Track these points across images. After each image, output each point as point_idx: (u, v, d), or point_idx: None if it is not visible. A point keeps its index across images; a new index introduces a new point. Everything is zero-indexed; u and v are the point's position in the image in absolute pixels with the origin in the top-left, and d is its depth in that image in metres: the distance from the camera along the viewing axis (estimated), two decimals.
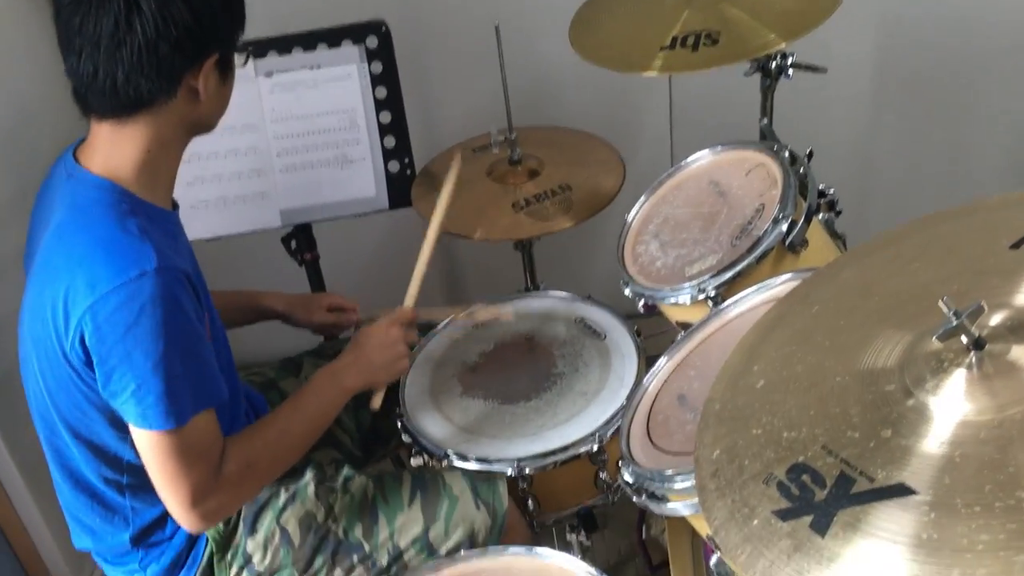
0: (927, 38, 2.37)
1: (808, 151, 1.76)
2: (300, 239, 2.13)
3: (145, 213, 1.33)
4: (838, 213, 1.79)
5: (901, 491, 0.82)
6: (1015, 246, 0.96)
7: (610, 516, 1.96)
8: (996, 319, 0.88)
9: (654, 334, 1.83)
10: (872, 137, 2.55)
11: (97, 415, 1.35)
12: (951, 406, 0.86)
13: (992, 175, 2.56)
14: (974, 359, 0.87)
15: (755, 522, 0.88)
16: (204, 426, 1.33)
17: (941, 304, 0.85)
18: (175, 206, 1.47)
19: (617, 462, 1.36)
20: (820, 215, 1.73)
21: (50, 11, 1.29)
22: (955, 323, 0.85)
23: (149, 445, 1.30)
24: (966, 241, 1.00)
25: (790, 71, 1.91)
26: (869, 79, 2.46)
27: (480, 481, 1.56)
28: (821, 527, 0.84)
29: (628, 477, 1.33)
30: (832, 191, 1.78)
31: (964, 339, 0.86)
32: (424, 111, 2.36)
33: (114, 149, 1.32)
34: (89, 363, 1.28)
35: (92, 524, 1.49)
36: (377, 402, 1.62)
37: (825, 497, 0.86)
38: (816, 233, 1.59)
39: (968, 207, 1.06)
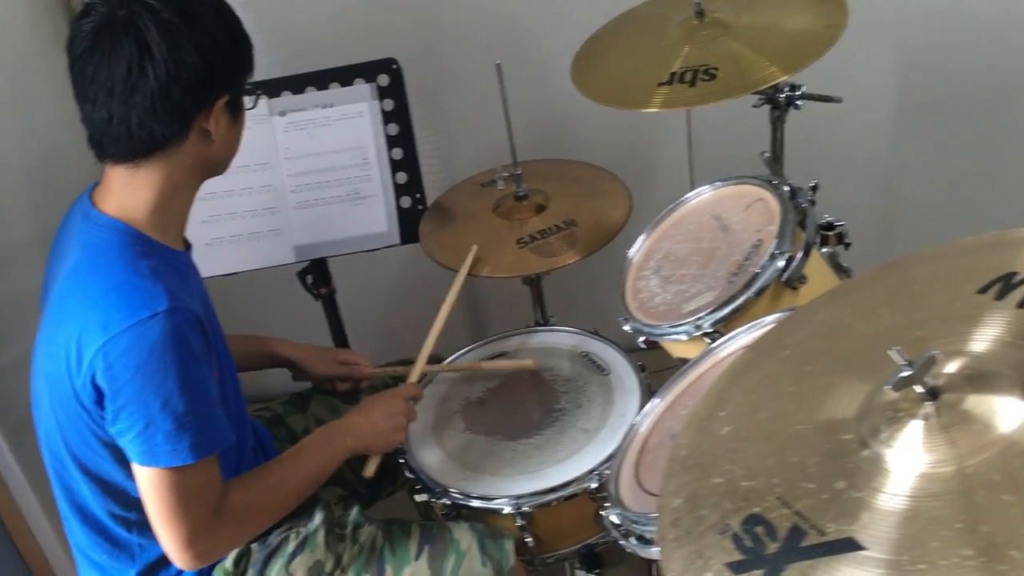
0: (949, 65, 2.32)
1: (813, 184, 1.74)
2: (316, 274, 2.16)
3: (158, 255, 1.36)
4: (847, 246, 1.77)
5: (849, 546, 0.81)
6: (982, 291, 0.94)
7: (622, 554, 1.93)
8: (952, 367, 0.86)
9: (659, 370, 1.82)
10: (895, 165, 2.50)
11: (106, 452, 1.38)
12: (906, 458, 0.84)
13: (1018, 204, 2.50)
14: (930, 409, 0.85)
15: (708, 574, 0.87)
16: (207, 468, 1.36)
17: (892, 353, 0.83)
18: (188, 246, 1.51)
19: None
20: (823, 249, 1.72)
21: None
22: (907, 373, 0.83)
23: (151, 483, 1.33)
24: (936, 285, 0.98)
25: (799, 102, 1.90)
26: (891, 107, 2.42)
27: (487, 537, 1.56)
28: None
29: (615, 519, 1.32)
30: (842, 223, 1.76)
31: (918, 389, 0.84)
32: (435, 147, 2.38)
33: (128, 192, 1.36)
34: (100, 402, 1.31)
35: (100, 560, 1.51)
36: (371, 470, 1.64)
37: (776, 550, 0.84)
38: (817, 268, 1.57)
39: (943, 249, 1.04)
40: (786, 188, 1.60)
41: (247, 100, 1.45)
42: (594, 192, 1.96)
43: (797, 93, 1.89)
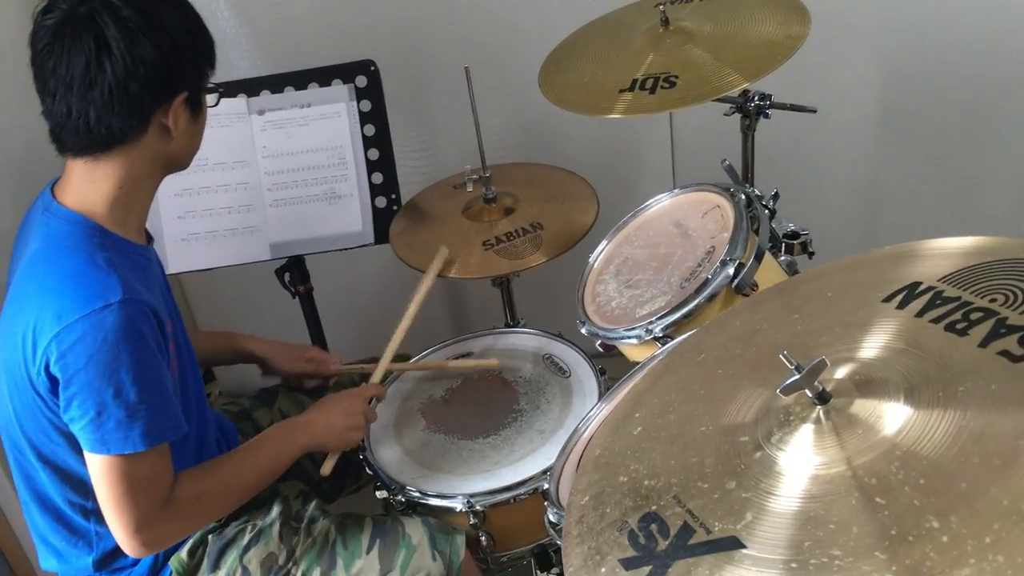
0: (928, 73, 2.33)
1: (773, 192, 1.75)
2: (294, 272, 2.19)
3: (115, 247, 1.39)
4: (811, 255, 1.78)
5: (731, 544, 0.82)
6: (887, 299, 0.95)
7: None
8: (843, 372, 0.88)
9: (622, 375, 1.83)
10: (876, 173, 2.51)
11: (63, 440, 1.41)
12: (795, 460, 0.86)
13: (1000, 210, 2.50)
14: (820, 413, 0.86)
15: (603, 570, 0.89)
16: (158, 456, 1.39)
17: (783, 357, 0.85)
18: (150, 239, 1.53)
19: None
20: (784, 257, 1.73)
21: None
22: (795, 377, 0.84)
23: (102, 469, 1.36)
24: (847, 293, 1.00)
25: (769, 111, 1.91)
26: (872, 115, 2.43)
27: (439, 532, 1.59)
28: None
29: (552, 518, 1.34)
30: (806, 232, 1.77)
31: (808, 393, 0.86)
32: (413, 148, 2.41)
33: (87, 185, 1.39)
34: (54, 390, 1.34)
35: (58, 546, 1.54)
36: (328, 468, 1.67)
37: (666, 547, 0.86)
38: (772, 275, 1.59)
39: (863, 257, 1.05)
40: (742, 196, 1.61)
41: (210, 98, 1.47)
42: (563, 196, 1.98)
43: (767, 103, 1.90)
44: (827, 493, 0.81)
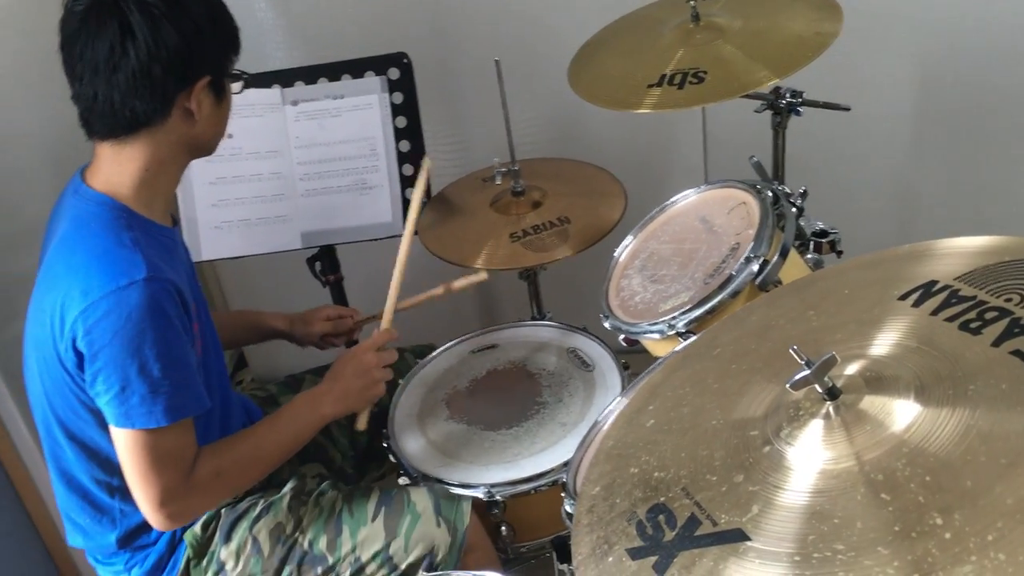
0: (968, 71, 2.30)
1: (802, 190, 1.74)
2: (325, 261, 2.21)
3: (141, 227, 1.43)
4: (839, 254, 1.77)
5: (736, 536, 0.83)
6: (903, 297, 0.95)
7: None
8: (854, 369, 0.88)
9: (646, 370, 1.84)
10: (913, 172, 2.48)
11: (90, 417, 1.45)
12: (803, 455, 0.86)
13: None
14: (830, 409, 0.86)
15: (609, 559, 0.89)
16: (181, 431, 1.42)
17: (792, 352, 0.85)
18: (175, 222, 1.57)
19: None
20: (811, 255, 1.72)
21: None
22: (805, 373, 0.85)
23: (127, 444, 1.39)
24: (864, 291, 1.00)
25: (799, 109, 1.90)
26: (909, 113, 2.40)
27: (444, 498, 1.60)
28: (661, 568, 0.85)
29: (569, 510, 1.35)
30: (835, 231, 1.76)
31: (818, 388, 0.86)
32: (446, 140, 2.43)
33: (115, 168, 1.43)
34: (81, 366, 1.38)
35: (83, 524, 1.58)
36: (362, 422, 1.68)
37: (672, 538, 0.87)
38: (797, 273, 1.58)
39: (879, 256, 1.05)
40: (769, 193, 1.61)
41: (235, 86, 1.50)
42: (591, 191, 1.98)
43: (798, 100, 1.89)
44: (833, 488, 0.81)
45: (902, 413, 0.83)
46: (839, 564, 0.75)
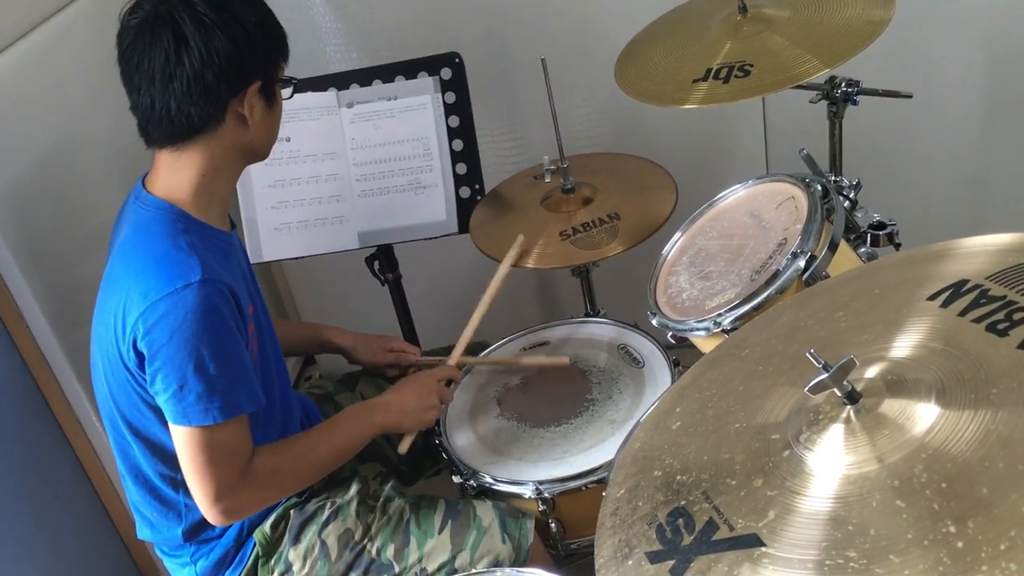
0: None
1: (854, 182, 1.71)
2: (383, 260, 2.25)
3: (198, 232, 1.48)
4: (897, 246, 1.72)
5: (752, 542, 0.82)
6: (931, 298, 0.93)
7: None
8: (875, 371, 0.86)
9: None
10: (982, 164, 2.40)
11: (152, 414, 1.50)
12: (822, 460, 0.85)
13: None
14: (850, 413, 0.85)
15: (629, 562, 0.90)
16: (236, 428, 1.47)
17: (809, 356, 0.84)
18: (232, 226, 1.61)
19: None
20: (866, 248, 1.68)
21: None
22: (823, 376, 0.84)
23: (185, 440, 1.44)
24: (894, 291, 0.97)
25: (856, 98, 1.86)
26: (977, 102, 2.32)
27: (508, 516, 1.62)
28: (678, 572, 0.85)
29: None
30: (893, 223, 1.72)
31: (837, 392, 0.85)
32: (502, 137, 2.44)
33: (172, 174, 1.49)
34: (142, 365, 1.44)
35: (151, 517, 1.64)
36: (404, 446, 1.72)
37: (690, 543, 0.87)
38: (848, 267, 1.55)
39: (911, 254, 1.03)
40: (818, 187, 1.58)
41: (284, 91, 1.54)
42: (641, 186, 1.97)
43: (854, 89, 1.85)
44: (849, 494, 0.80)
45: (922, 417, 0.81)
46: (851, 572, 0.74)
